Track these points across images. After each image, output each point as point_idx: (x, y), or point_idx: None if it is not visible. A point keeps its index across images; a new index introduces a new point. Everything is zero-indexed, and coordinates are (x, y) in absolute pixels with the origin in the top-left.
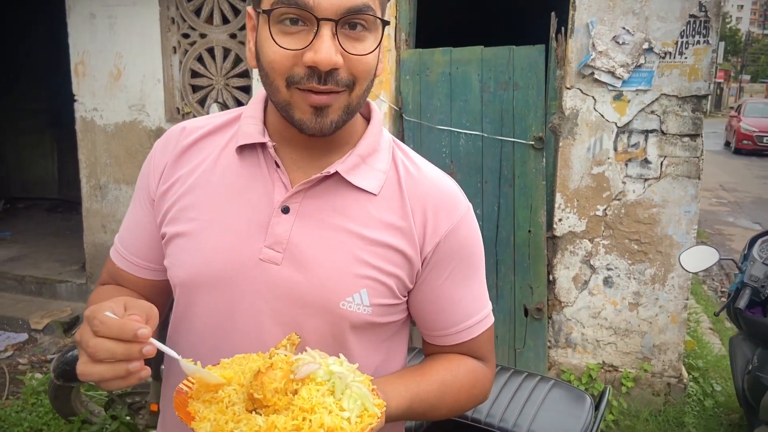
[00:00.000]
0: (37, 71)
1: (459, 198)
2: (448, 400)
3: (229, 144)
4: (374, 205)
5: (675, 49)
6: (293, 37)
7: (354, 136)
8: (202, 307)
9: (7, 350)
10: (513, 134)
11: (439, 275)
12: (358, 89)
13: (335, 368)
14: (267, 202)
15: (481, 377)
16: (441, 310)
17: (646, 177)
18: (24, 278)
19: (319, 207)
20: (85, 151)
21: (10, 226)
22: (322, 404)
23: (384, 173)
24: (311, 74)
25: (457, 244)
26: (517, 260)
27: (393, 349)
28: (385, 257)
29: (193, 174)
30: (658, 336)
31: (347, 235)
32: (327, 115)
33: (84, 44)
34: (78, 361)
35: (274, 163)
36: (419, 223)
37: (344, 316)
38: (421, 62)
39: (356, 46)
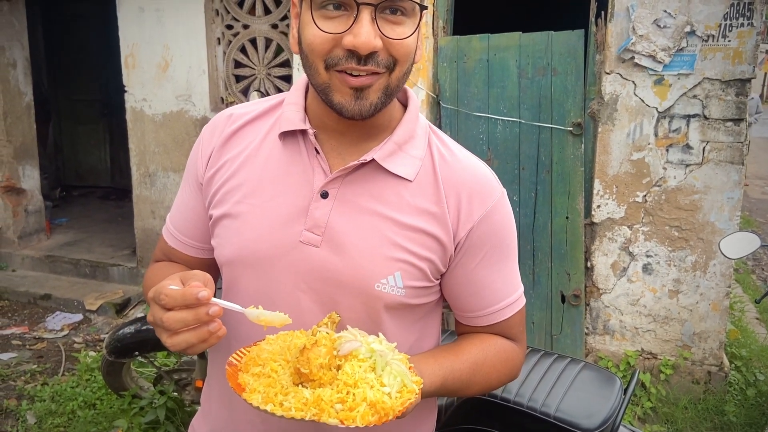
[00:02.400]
0: (91, 63)
1: (493, 184)
2: (479, 378)
3: (272, 130)
4: (409, 191)
5: (718, 31)
6: (334, 21)
7: (392, 122)
8: (246, 285)
9: (64, 329)
10: (551, 120)
11: (472, 259)
12: (398, 71)
13: (376, 346)
14: (307, 187)
15: (512, 357)
16: (474, 293)
17: (687, 163)
18: (79, 262)
19: (356, 192)
20: (135, 140)
21: (66, 213)
22: (364, 380)
23: (420, 160)
24: (350, 56)
25: (491, 229)
26: (554, 247)
27: (426, 329)
28: (418, 241)
29: (239, 158)
30: (698, 324)
31: (382, 219)
32: (366, 97)
33: (133, 37)
34: (161, 338)
35: (314, 149)
36: (453, 209)
37: (379, 297)
38: (458, 49)
39: (396, 29)
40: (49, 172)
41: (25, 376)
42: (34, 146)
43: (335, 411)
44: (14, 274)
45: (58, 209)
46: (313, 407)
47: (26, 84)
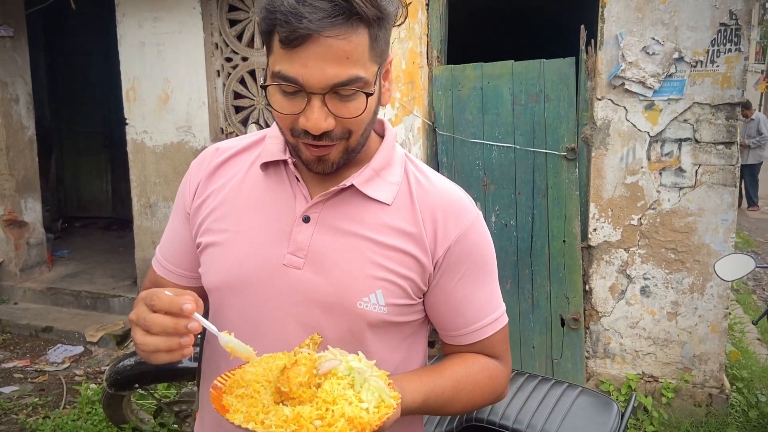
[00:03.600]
0: (92, 96)
1: (467, 206)
2: (463, 395)
3: (256, 161)
4: (387, 214)
5: (706, 57)
6: (291, 101)
7: (369, 151)
8: (232, 309)
9: (65, 362)
10: (545, 146)
11: (451, 278)
12: (354, 137)
13: (354, 364)
14: (289, 212)
15: (496, 375)
16: (455, 311)
17: (681, 186)
18: (80, 293)
19: (336, 216)
20: (136, 171)
21: (68, 244)
22: (342, 396)
23: (397, 185)
24: (307, 133)
25: (468, 248)
26: (552, 270)
27: (412, 350)
28: (398, 261)
29: (224, 189)
30: (698, 346)
31: (362, 240)
32: (327, 160)
33: (134, 71)
34: (135, 336)
35: (295, 177)
36: (430, 230)
37: (362, 315)
38: (452, 78)
39: (347, 107)
40: (51, 204)
41: (27, 409)
42: (36, 179)
43: (314, 427)
44: (16, 307)
45: (60, 241)
46: (293, 424)
47: (28, 118)
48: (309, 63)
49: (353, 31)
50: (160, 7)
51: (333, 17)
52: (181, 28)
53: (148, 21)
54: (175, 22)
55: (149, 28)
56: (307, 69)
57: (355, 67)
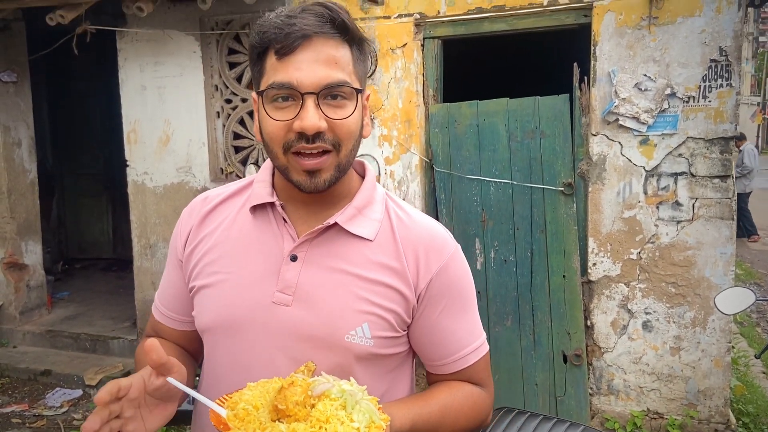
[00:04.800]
0: (94, 138)
1: (447, 240)
2: (448, 420)
3: (245, 205)
4: (370, 250)
5: (698, 93)
6: (285, 110)
7: (351, 191)
8: (224, 348)
9: (63, 406)
10: (542, 181)
11: (434, 310)
12: (344, 149)
13: (346, 387)
14: (277, 252)
15: (479, 401)
16: (438, 342)
17: (678, 219)
18: (80, 336)
19: (322, 254)
20: (137, 212)
21: (68, 286)
22: (335, 416)
23: (379, 222)
24: (301, 137)
25: (448, 280)
26: (553, 306)
27: (397, 380)
28: (382, 294)
29: (215, 234)
30: (702, 381)
31: (348, 276)
32: (320, 175)
33: (135, 113)
34: None
35: (282, 218)
36: (412, 264)
37: (349, 349)
38: (449, 115)
39: (337, 111)
40: (52, 245)
41: None
42: (37, 222)
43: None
44: (15, 350)
45: (60, 283)
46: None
47: (30, 162)
48: (302, 66)
49: (340, 44)
50: (161, 52)
51: (322, 24)
52: (182, 71)
53: (149, 65)
54: (175, 66)
55: (150, 72)
56: (301, 71)
57: (343, 73)
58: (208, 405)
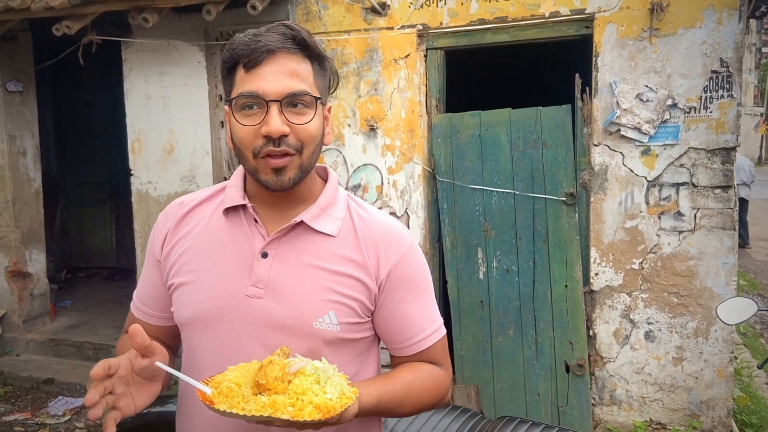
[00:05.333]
0: (98, 148)
1: (403, 235)
2: (411, 397)
3: (218, 208)
4: (334, 245)
5: (699, 103)
6: (252, 117)
7: (314, 193)
8: (203, 339)
9: (66, 415)
10: (544, 191)
11: (393, 298)
12: (306, 152)
13: (319, 365)
14: (249, 249)
15: (438, 379)
16: (398, 327)
17: (680, 229)
18: (82, 344)
19: (290, 250)
20: (140, 221)
21: (71, 295)
22: (310, 389)
23: (341, 220)
24: (268, 141)
25: (406, 271)
26: (555, 316)
27: (365, 364)
28: (346, 285)
29: (190, 235)
30: (705, 391)
31: (314, 269)
32: (285, 174)
33: (140, 123)
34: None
35: (254, 219)
36: (372, 257)
37: (318, 334)
38: (451, 126)
39: (299, 118)
40: (56, 254)
41: None
42: (41, 231)
43: (288, 412)
44: (18, 358)
45: (63, 291)
46: (270, 408)
47: (35, 171)
48: (267, 77)
49: (301, 59)
50: (166, 62)
51: (285, 41)
52: (186, 81)
53: (154, 75)
54: (180, 76)
55: (155, 82)
56: (266, 82)
57: (304, 84)
58: (194, 384)
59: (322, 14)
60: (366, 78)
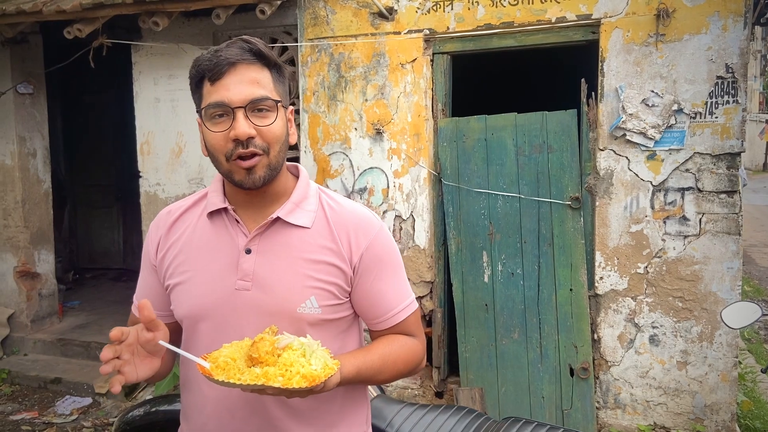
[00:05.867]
0: (106, 150)
1: (372, 221)
2: (389, 365)
3: (203, 214)
4: (310, 236)
5: (705, 109)
6: (221, 124)
7: (287, 190)
8: (201, 331)
9: (73, 414)
10: (549, 195)
11: (367, 278)
12: (272, 151)
13: (304, 340)
14: (234, 248)
15: (413, 348)
16: (374, 304)
17: (685, 234)
18: (90, 344)
19: (271, 244)
20: (148, 223)
21: (78, 296)
22: (297, 362)
23: (314, 212)
24: (237, 144)
25: (377, 253)
26: (560, 319)
27: (347, 340)
28: (324, 271)
29: (181, 240)
30: (709, 396)
31: (294, 260)
32: (255, 173)
33: (149, 125)
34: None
35: (235, 219)
36: (345, 243)
37: (302, 318)
38: (457, 129)
39: (263, 121)
40: (63, 255)
41: None
42: (50, 231)
43: (278, 381)
44: (26, 358)
45: (71, 292)
46: (263, 378)
47: (45, 172)
48: (231, 87)
49: (260, 68)
50: (175, 65)
51: (243, 53)
52: None
53: (163, 78)
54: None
55: (164, 85)
56: (229, 91)
57: (265, 90)
58: (193, 359)
59: (330, 19)
60: (373, 82)
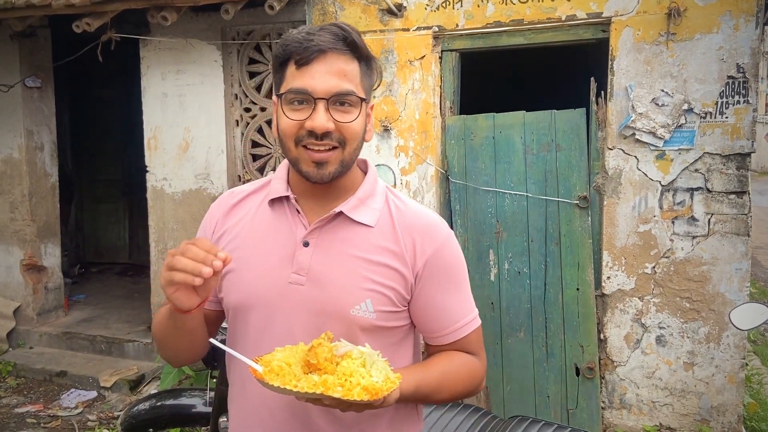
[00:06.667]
0: (113, 145)
1: (440, 226)
2: (448, 385)
3: (264, 201)
4: (372, 235)
5: (715, 109)
6: (299, 112)
7: (354, 185)
8: (249, 322)
9: (78, 407)
10: (557, 194)
11: (430, 287)
12: (348, 148)
13: (364, 349)
14: (292, 239)
15: (474, 368)
16: (434, 316)
17: (694, 235)
18: (95, 338)
19: (330, 239)
20: (155, 218)
21: (84, 290)
22: (357, 372)
23: (379, 211)
24: (310, 134)
25: (442, 262)
26: (567, 319)
27: (399, 353)
28: (383, 274)
29: (238, 225)
30: (715, 397)
31: (353, 258)
32: (326, 167)
33: (156, 120)
34: (170, 262)
35: (296, 210)
36: (409, 247)
37: (355, 321)
38: (465, 127)
39: (344, 116)
40: (70, 249)
41: None
42: (56, 225)
43: (338, 391)
44: (31, 351)
45: (77, 286)
46: (321, 386)
47: (52, 166)
48: (316, 75)
49: (350, 59)
50: (183, 60)
51: (336, 41)
52: (203, 79)
53: (171, 73)
54: (197, 75)
55: (172, 80)
56: (315, 80)
57: (351, 84)
58: (246, 361)
59: (339, 15)
60: (381, 79)
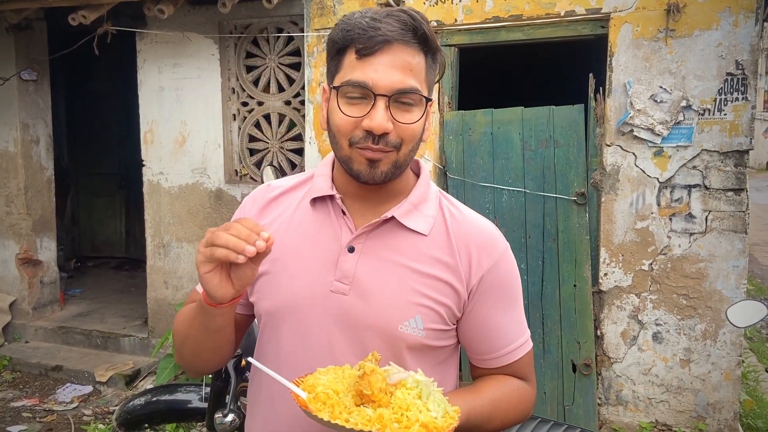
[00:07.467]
0: (109, 139)
1: (498, 239)
2: (499, 413)
3: (305, 198)
4: (425, 244)
5: (714, 106)
6: (356, 107)
7: (406, 188)
8: (284, 331)
9: (73, 402)
10: (555, 190)
11: (484, 305)
12: (404, 149)
13: (419, 377)
14: (336, 243)
15: (525, 395)
16: (487, 337)
17: (691, 231)
18: (91, 333)
19: (378, 246)
20: (151, 212)
21: (80, 284)
22: (414, 405)
23: (433, 218)
24: (367, 136)
25: (499, 278)
26: (563, 315)
27: (446, 373)
28: (435, 288)
29: (275, 222)
30: (712, 394)
31: (403, 269)
32: (378, 167)
33: (153, 114)
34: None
35: (341, 211)
36: (465, 260)
37: (402, 338)
38: (463, 123)
39: (405, 116)
40: (66, 243)
41: None
42: (52, 219)
43: (394, 428)
44: (27, 345)
45: (73, 280)
46: (377, 423)
47: (48, 159)
48: (379, 68)
49: (417, 52)
50: (180, 54)
51: (405, 32)
52: (200, 73)
53: (167, 67)
54: (193, 68)
55: (168, 74)
56: (377, 73)
57: (416, 80)
58: (287, 385)
59: (337, 9)
60: None
